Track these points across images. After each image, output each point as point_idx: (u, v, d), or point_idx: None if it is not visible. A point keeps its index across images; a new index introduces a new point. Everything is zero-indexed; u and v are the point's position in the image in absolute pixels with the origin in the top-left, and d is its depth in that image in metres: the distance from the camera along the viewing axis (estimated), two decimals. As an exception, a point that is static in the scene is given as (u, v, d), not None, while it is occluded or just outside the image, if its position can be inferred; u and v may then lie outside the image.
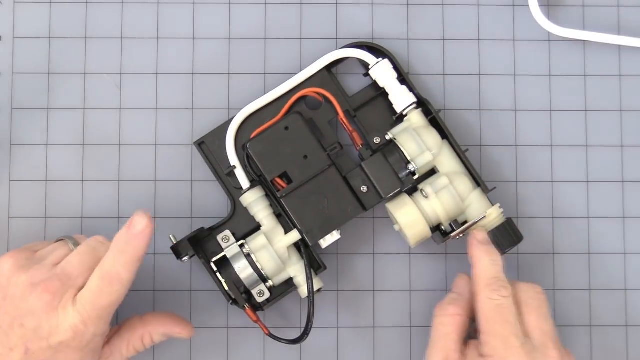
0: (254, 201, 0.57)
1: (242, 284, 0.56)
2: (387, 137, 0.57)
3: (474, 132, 0.61)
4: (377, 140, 0.57)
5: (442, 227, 0.57)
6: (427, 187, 0.56)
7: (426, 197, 0.56)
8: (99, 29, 0.61)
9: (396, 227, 0.57)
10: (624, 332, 0.60)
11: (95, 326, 0.51)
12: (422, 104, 0.58)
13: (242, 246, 0.56)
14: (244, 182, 0.57)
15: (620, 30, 0.62)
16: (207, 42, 0.61)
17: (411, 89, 0.58)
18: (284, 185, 0.56)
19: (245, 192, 0.57)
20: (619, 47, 0.61)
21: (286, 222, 0.57)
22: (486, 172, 0.60)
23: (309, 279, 0.55)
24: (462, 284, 0.56)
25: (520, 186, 0.61)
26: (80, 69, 0.60)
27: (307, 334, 0.55)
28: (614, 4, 0.62)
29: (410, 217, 0.56)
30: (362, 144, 0.57)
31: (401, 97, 0.57)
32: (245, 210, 0.57)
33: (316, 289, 0.56)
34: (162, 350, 0.59)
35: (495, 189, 0.58)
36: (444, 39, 0.61)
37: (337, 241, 0.56)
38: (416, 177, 0.56)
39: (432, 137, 0.57)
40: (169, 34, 0.61)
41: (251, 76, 0.60)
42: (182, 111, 0.60)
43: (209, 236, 0.58)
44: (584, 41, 0.61)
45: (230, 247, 0.56)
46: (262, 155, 0.56)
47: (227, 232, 0.57)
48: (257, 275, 0.56)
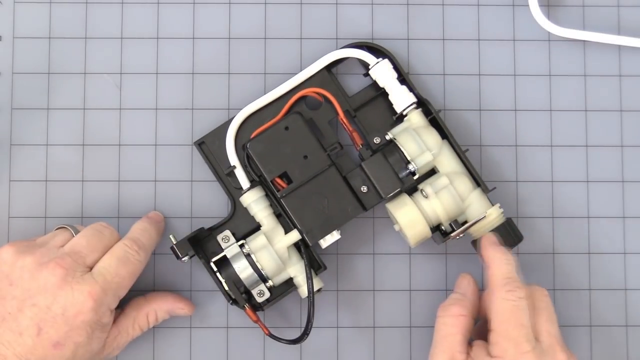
0: (254, 201, 0.57)
1: (242, 284, 0.56)
2: (387, 137, 0.57)
3: (474, 132, 0.61)
4: (377, 140, 0.57)
5: (442, 227, 0.56)
6: (427, 187, 0.56)
7: (426, 197, 0.56)
8: (99, 29, 0.61)
9: (396, 227, 0.57)
10: (624, 332, 0.60)
11: (113, 295, 0.52)
12: (422, 104, 0.58)
13: (242, 246, 0.56)
14: (244, 182, 0.57)
15: (620, 30, 0.62)
16: (207, 42, 0.61)
17: (411, 89, 0.58)
18: (284, 185, 0.56)
19: (245, 192, 0.57)
20: (619, 47, 0.61)
21: (286, 222, 0.57)
22: (486, 172, 0.60)
23: (309, 279, 0.55)
24: (465, 283, 0.56)
25: (520, 186, 0.61)
26: (80, 69, 0.60)
27: (307, 334, 0.55)
28: (614, 4, 0.62)
29: (410, 217, 0.56)
30: (362, 144, 0.57)
31: (401, 97, 0.57)
32: (245, 210, 0.57)
33: (316, 289, 0.56)
34: (162, 350, 0.59)
35: (495, 189, 0.58)
36: (444, 39, 0.61)
37: (337, 241, 0.56)
38: (416, 177, 0.56)
39: (432, 137, 0.57)
40: (169, 34, 0.61)
41: (251, 76, 0.60)
42: (182, 111, 0.60)
43: (208, 236, 0.58)
44: (584, 41, 0.61)
45: (230, 247, 0.56)
46: (262, 155, 0.56)
47: (227, 232, 0.57)
48: (257, 275, 0.56)
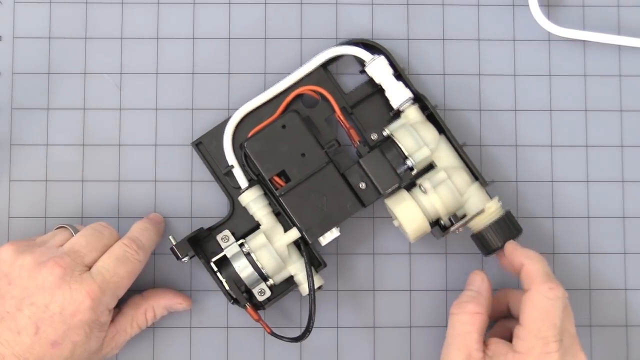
0: (253, 200, 0.57)
1: (242, 283, 0.56)
2: (385, 134, 0.57)
3: (474, 132, 0.61)
4: (374, 136, 0.57)
5: (442, 222, 0.56)
6: (425, 182, 0.56)
7: (424, 192, 0.56)
8: (99, 29, 0.61)
9: (395, 223, 0.57)
10: (624, 332, 0.60)
11: (111, 295, 0.52)
12: (418, 99, 0.58)
13: (241, 245, 0.56)
14: (242, 181, 0.57)
15: (620, 30, 0.62)
16: (207, 42, 0.61)
17: (407, 85, 0.58)
18: (282, 183, 0.56)
19: (243, 191, 0.57)
20: (619, 47, 0.61)
21: (285, 220, 0.57)
22: (486, 172, 0.60)
23: (310, 277, 0.55)
24: (479, 280, 0.55)
25: (520, 186, 0.61)
26: (80, 69, 0.60)
27: (309, 331, 0.55)
28: (614, 4, 0.62)
29: (409, 212, 0.56)
30: (359, 141, 0.57)
31: (397, 93, 0.57)
32: (244, 209, 0.57)
33: (317, 286, 0.56)
34: (162, 350, 0.59)
35: (493, 182, 0.58)
36: (444, 39, 0.61)
37: (337, 240, 0.56)
38: (414, 172, 0.56)
39: (429, 132, 0.56)
40: (169, 34, 0.61)
41: (251, 76, 0.60)
42: (182, 111, 0.60)
43: (208, 236, 0.58)
44: (584, 41, 0.61)
45: (230, 247, 0.56)
46: (259, 154, 0.56)
47: (227, 232, 0.57)
48: (257, 274, 0.56)
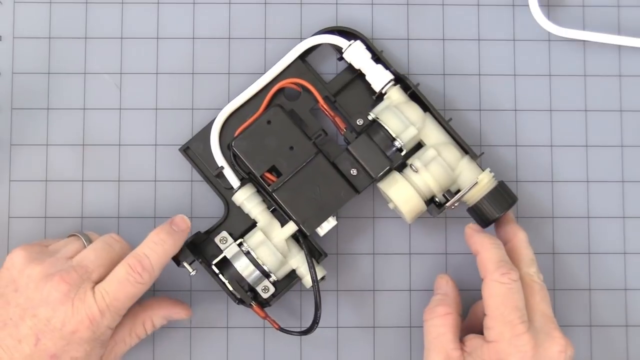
0: (246, 199, 0.56)
1: (245, 282, 0.56)
2: (370, 118, 0.57)
3: (474, 132, 0.61)
4: (360, 121, 0.57)
5: (436, 199, 0.56)
6: (415, 161, 0.56)
7: (416, 171, 0.55)
8: (99, 29, 0.61)
9: (390, 206, 0.57)
10: (624, 332, 0.60)
11: (111, 317, 0.52)
12: (400, 80, 0.57)
13: (240, 245, 0.56)
14: (234, 181, 0.57)
15: (620, 30, 0.62)
16: (206, 42, 0.61)
17: (387, 67, 0.57)
18: (274, 179, 0.56)
19: (236, 191, 0.57)
20: (619, 47, 0.61)
21: (281, 215, 0.57)
22: (486, 172, 0.60)
23: (311, 268, 0.55)
24: (444, 283, 0.56)
25: (520, 186, 0.61)
26: (80, 69, 0.60)
27: (317, 323, 0.55)
28: (614, 4, 0.62)
29: (403, 193, 0.55)
30: (345, 128, 0.57)
31: (378, 76, 0.57)
32: (239, 209, 0.57)
33: (320, 276, 0.56)
34: (162, 350, 0.59)
35: (483, 154, 0.58)
36: (444, 39, 0.61)
37: (337, 240, 0.56)
38: (403, 152, 0.56)
39: (414, 111, 0.56)
40: (169, 34, 0.61)
41: (251, 76, 0.60)
42: (182, 111, 0.60)
43: (206, 239, 0.58)
44: (584, 41, 0.61)
45: (229, 248, 0.56)
46: (248, 152, 0.56)
47: (224, 233, 0.57)
48: (259, 271, 0.55)
